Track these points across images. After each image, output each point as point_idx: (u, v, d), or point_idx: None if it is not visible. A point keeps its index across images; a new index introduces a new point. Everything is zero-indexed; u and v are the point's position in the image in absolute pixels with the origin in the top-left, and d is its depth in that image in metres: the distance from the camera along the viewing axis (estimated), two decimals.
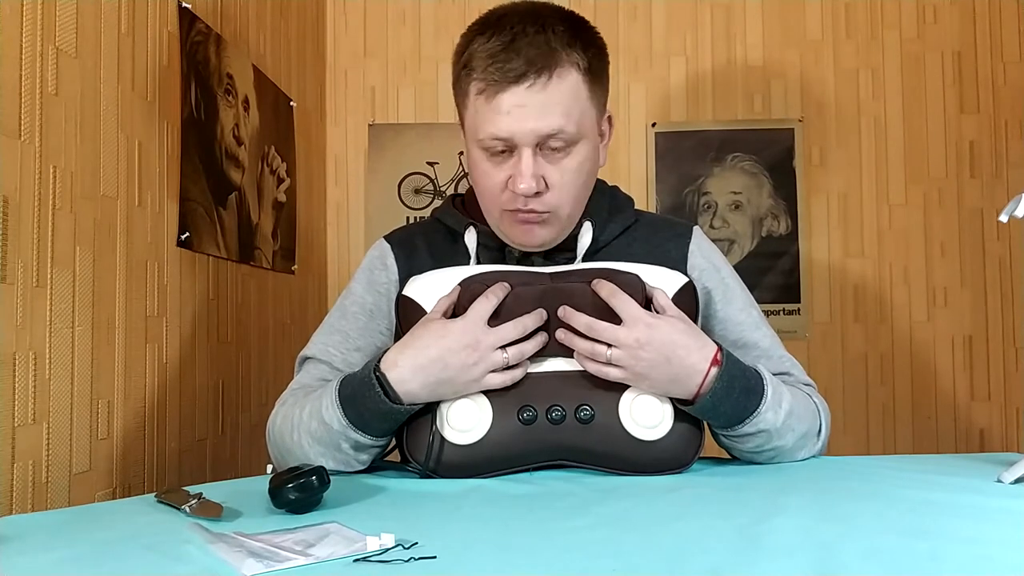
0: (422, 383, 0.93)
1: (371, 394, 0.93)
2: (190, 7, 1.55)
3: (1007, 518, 0.74)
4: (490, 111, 0.98)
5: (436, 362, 0.92)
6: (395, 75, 2.51)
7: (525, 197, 1.00)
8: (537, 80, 0.96)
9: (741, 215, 2.45)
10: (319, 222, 2.44)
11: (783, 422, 0.97)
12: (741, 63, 2.48)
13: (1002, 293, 2.42)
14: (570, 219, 1.06)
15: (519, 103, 0.97)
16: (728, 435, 0.99)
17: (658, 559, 0.63)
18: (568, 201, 1.03)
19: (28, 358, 1.08)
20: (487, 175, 1.03)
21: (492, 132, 0.99)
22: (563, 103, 0.98)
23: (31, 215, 1.09)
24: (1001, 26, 2.45)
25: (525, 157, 0.99)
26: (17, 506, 1.06)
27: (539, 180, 0.99)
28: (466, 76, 1.01)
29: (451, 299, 0.97)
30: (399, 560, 0.63)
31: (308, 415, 0.99)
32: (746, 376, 0.96)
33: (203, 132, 1.61)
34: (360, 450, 0.98)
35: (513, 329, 0.94)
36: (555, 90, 0.97)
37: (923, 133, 2.45)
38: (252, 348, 1.89)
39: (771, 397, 0.96)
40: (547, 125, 0.97)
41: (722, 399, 0.93)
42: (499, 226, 1.07)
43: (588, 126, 1.02)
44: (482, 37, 1.00)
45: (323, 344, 1.12)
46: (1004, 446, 2.38)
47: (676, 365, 0.92)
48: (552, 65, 0.97)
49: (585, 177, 1.05)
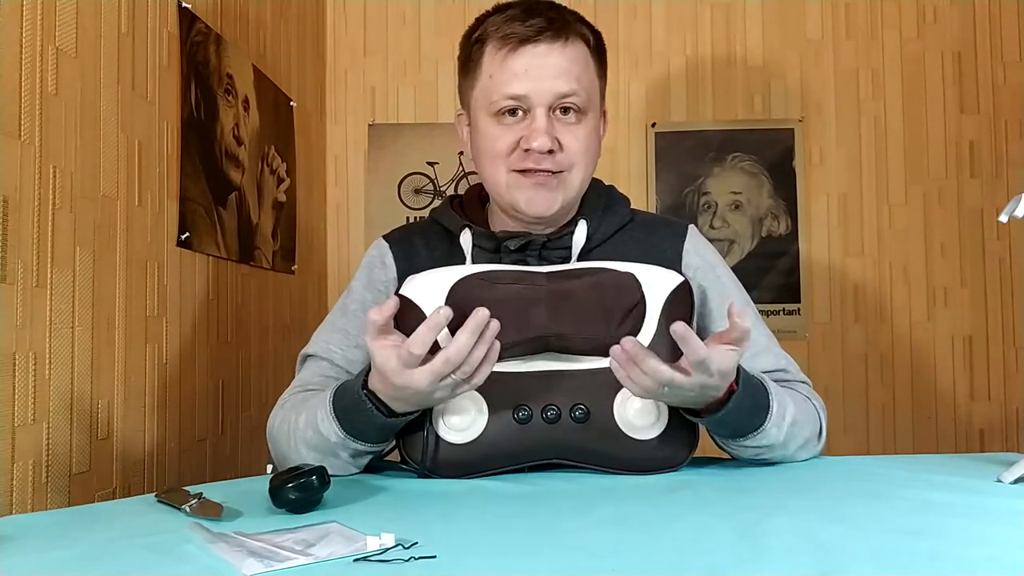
0: (403, 406, 0.92)
1: (365, 410, 0.92)
2: (190, 7, 1.55)
3: (1007, 518, 0.74)
4: (506, 72, 1.01)
5: (399, 400, 0.90)
6: (395, 75, 2.50)
7: (539, 155, 1.01)
8: (555, 41, 1.01)
9: (741, 215, 2.45)
10: (319, 222, 2.44)
11: (786, 434, 0.98)
12: (741, 63, 2.48)
13: (1002, 293, 2.42)
14: (578, 190, 1.07)
15: (536, 63, 1.00)
16: (729, 443, 1.00)
17: (658, 559, 0.63)
18: (580, 164, 1.05)
19: (28, 358, 1.08)
20: (497, 139, 1.04)
21: (507, 92, 1.01)
22: (575, 69, 1.02)
23: (31, 215, 1.09)
24: (1001, 26, 2.45)
25: (539, 116, 1.01)
26: (17, 506, 1.06)
27: (553, 139, 1.02)
28: (479, 50, 1.04)
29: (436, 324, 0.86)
30: (399, 560, 0.63)
31: (304, 424, 0.99)
32: (755, 396, 0.96)
33: (203, 132, 1.61)
34: (358, 456, 0.99)
35: (443, 365, 0.85)
36: (570, 54, 1.02)
37: (923, 133, 2.45)
38: (252, 348, 1.89)
39: (775, 413, 0.96)
40: (563, 86, 1.01)
41: (732, 413, 0.93)
42: (507, 194, 1.06)
43: (594, 102, 1.06)
44: (495, 16, 1.04)
45: (324, 342, 1.13)
46: (1004, 446, 2.38)
47: (700, 398, 0.91)
48: (567, 31, 1.02)
49: (593, 149, 1.07)
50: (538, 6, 1.03)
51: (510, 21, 1.02)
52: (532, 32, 1.00)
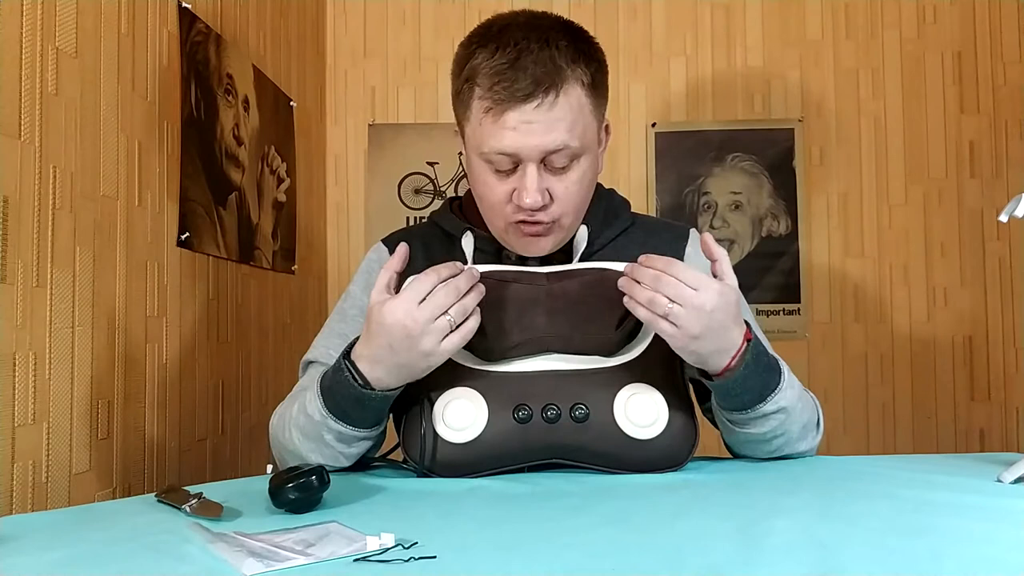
0: (385, 370, 0.93)
1: (342, 379, 0.94)
2: (190, 7, 1.55)
3: (1007, 518, 0.74)
4: (496, 127, 0.98)
5: (385, 348, 0.92)
6: (395, 75, 2.51)
7: (531, 210, 1.00)
8: (545, 99, 0.96)
9: (741, 215, 2.45)
10: (319, 222, 2.44)
11: (798, 399, 0.99)
12: (741, 63, 2.48)
13: (1002, 293, 2.42)
14: (572, 227, 1.07)
15: (525, 120, 0.96)
16: (747, 417, 0.98)
17: (658, 559, 0.63)
18: (572, 212, 1.04)
19: (28, 358, 1.08)
20: (491, 188, 1.03)
21: (497, 147, 0.98)
22: (567, 119, 0.98)
23: (31, 215, 1.09)
24: (1001, 26, 2.45)
25: (530, 172, 0.99)
26: (17, 506, 1.06)
27: (544, 194, 1.00)
28: (469, 90, 1.00)
29: (392, 267, 0.98)
30: (399, 560, 0.63)
31: (297, 410, 1.01)
32: (767, 354, 0.97)
33: (203, 132, 1.61)
34: (344, 442, 0.98)
35: (445, 296, 0.91)
36: (561, 107, 0.97)
37: (923, 133, 2.45)
38: (252, 348, 1.89)
39: (787, 375, 0.98)
40: (552, 141, 0.97)
41: (751, 372, 0.93)
42: (503, 237, 1.07)
43: (590, 139, 1.03)
44: (485, 52, 0.99)
45: (324, 347, 1.13)
46: (1004, 446, 2.38)
47: (723, 337, 0.92)
48: (558, 83, 0.97)
49: (587, 188, 1.06)
50: (528, 49, 0.96)
51: (498, 77, 0.96)
52: (520, 96, 0.96)
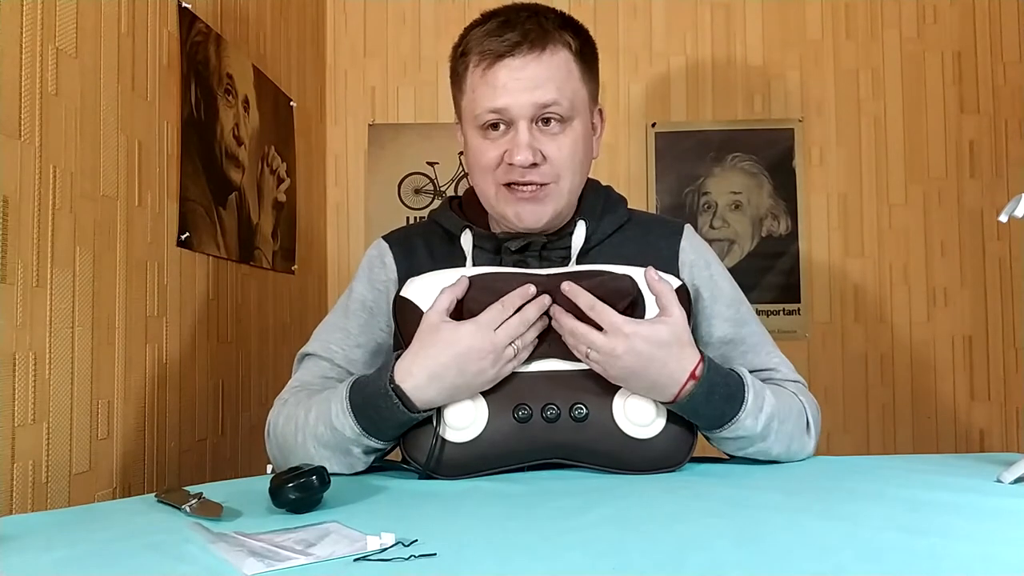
0: (438, 390, 0.94)
1: (388, 405, 0.93)
2: (190, 7, 1.55)
3: (1007, 518, 0.74)
4: (487, 86, 1.02)
5: (451, 368, 0.93)
6: (395, 75, 2.51)
7: (522, 168, 1.02)
8: (531, 52, 1.01)
9: (741, 215, 2.45)
10: (319, 222, 2.44)
11: (763, 426, 0.98)
12: (741, 63, 2.48)
13: (1002, 293, 2.42)
14: (569, 198, 1.08)
15: (515, 76, 1.01)
16: (709, 435, 1.01)
17: (658, 559, 0.63)
18: (566, 174, 1.05)
19: (28, 358, 1.08)
20: (483, 152, 1.05)
21: (488, 105, 1.02)
22: (556, 78, 1.02)
23: (31, 215, 1.09)
24: (1001, 26, 2.45)
25: (521, 130, 1.02)
26: (17, 506, 1.06)
27: (535, 152, 1.03)
28: (463, 60, 1.06)
29: (455, 293, 0.97)
30: (399, 558, 0.63)
31: (315, 419, 0.99)
32: (728, 383, 0.96)
33: (203, 132, 1.61)
34: (370, 453, 0.99)
35: (519, 324, 0.95)
36: (548, 64, 1.02)
37: (923, 133, 2.45)
38: (252, 348, 1.89)
39: (751, 404, 0.97)
40: (542, 96, 1.01)
41: (701, 404, 0.94)
42: (497, 207, 1.07)
43: (580, 108, 1.06)
44: (479, 27, 1.06)
45: (324, 341, 1.13)
46: (1004, 446, 2.38)
47: (653, 374, 0.93)
48: (545, 41, 1.02)
49: (581, 156, 1.07)
50: (518, 17, 1.04)
51: (489, 35, 1.03)
52: (508, 47, 1.01)
